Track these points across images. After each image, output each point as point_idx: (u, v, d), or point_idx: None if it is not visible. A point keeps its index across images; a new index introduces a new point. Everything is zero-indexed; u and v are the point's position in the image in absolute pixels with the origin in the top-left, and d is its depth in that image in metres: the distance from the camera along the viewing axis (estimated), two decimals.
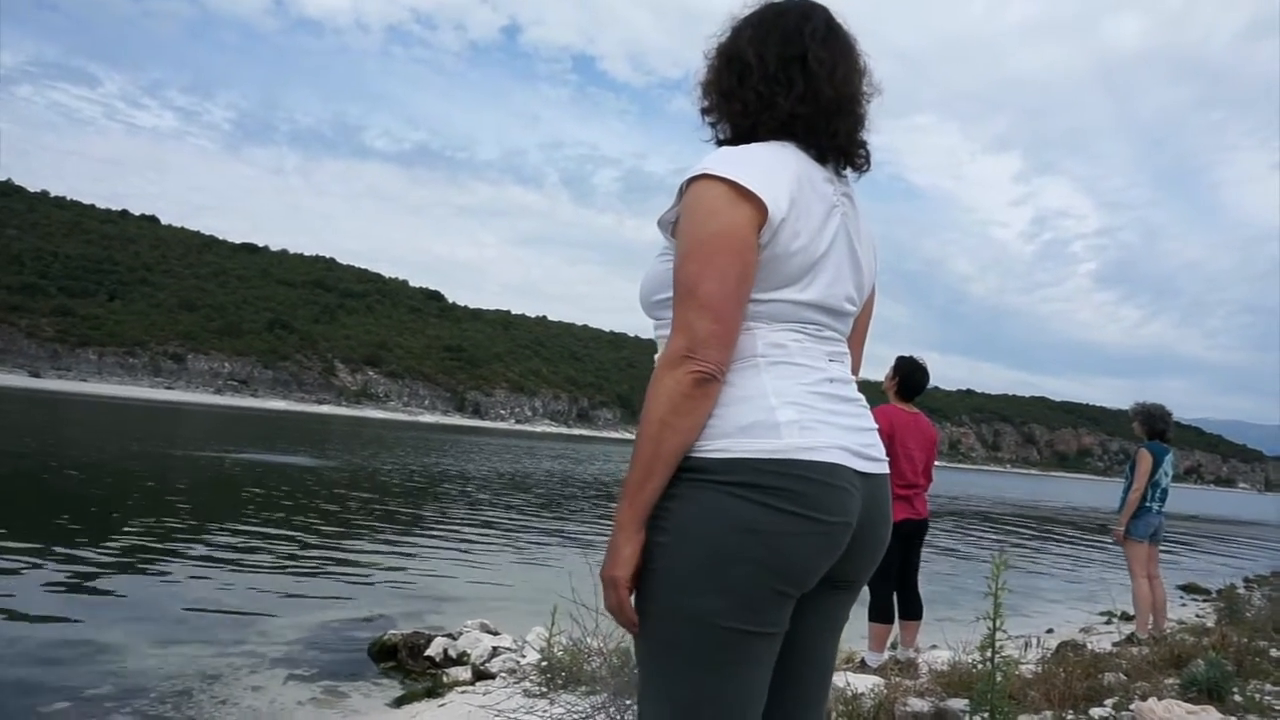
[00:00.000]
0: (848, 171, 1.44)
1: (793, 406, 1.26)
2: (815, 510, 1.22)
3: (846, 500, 1.26)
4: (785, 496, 1.21)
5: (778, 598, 1.24)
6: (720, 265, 1.22)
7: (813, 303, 1.33)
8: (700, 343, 1.21)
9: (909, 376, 5.09)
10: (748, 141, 1.36)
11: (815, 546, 1.23)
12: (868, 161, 1.44)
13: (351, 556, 9.49)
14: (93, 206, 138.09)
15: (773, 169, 1.28)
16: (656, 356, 1.37)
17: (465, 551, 10.57)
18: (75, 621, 5.95)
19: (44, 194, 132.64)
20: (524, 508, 16.58)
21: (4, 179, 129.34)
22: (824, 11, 1.41)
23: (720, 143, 1.44)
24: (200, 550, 8.88)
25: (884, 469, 1.37)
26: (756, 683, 1.27)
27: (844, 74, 1.37)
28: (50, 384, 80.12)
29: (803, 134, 1.36)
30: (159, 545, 8.89)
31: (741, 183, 1.23)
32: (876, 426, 1.40)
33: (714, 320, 1.21)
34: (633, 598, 1.28)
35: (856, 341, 1.50)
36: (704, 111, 1.46)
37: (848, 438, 1.29)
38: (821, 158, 1.37)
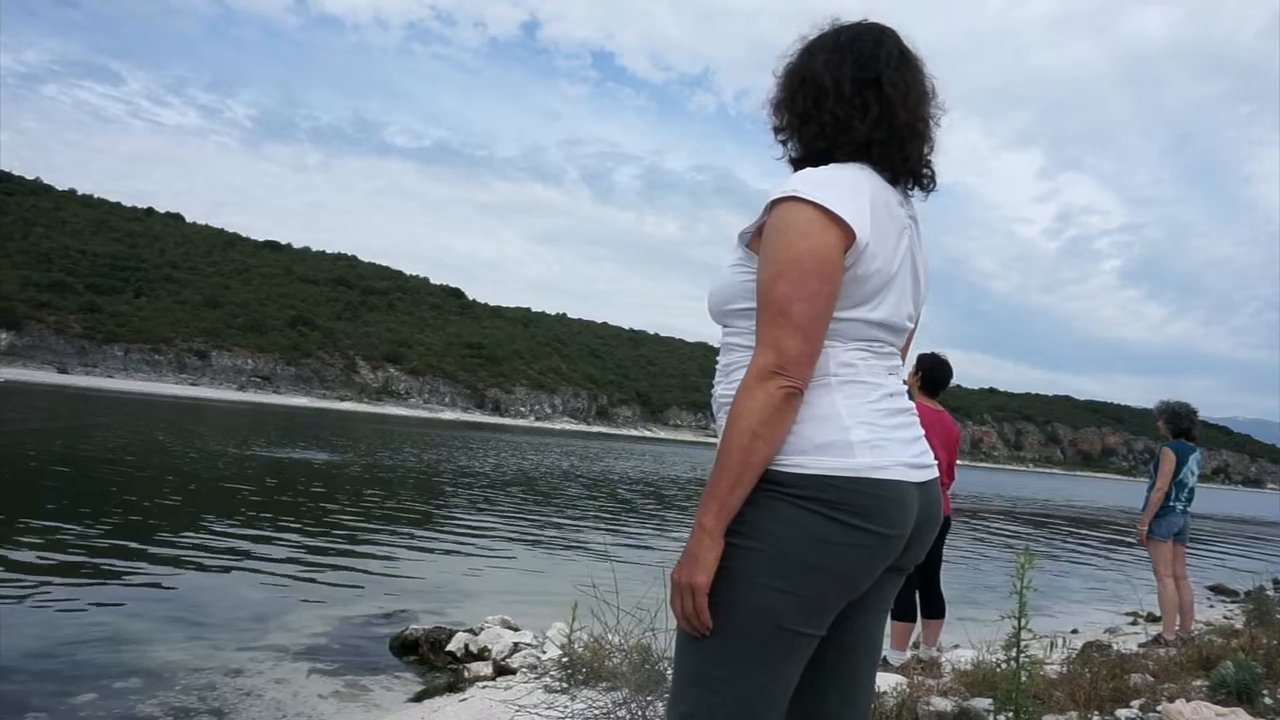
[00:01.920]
0: (914, 191, 1.48)
1: (864, 426, 1.34)
2: (880, 525, 1.31)
3: (907, 514, 1.35)
4: (854, 512, 1.30)
5: (836, 603, 1.34)
6: (811, 288, 1.28)
7: (880, 321, 1.40)
8: (790, 361, 1.28)
9: (932, 371, 5.06)
10: (822, 162, 1.39)
11: (876, 557, 1.34)
12: (933, 181, 1.48)
13: (373, 552, 9.56)
14: (119, 204, 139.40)
15: (857, 193, 1.33)
16: (721, 361, 1.45)
17: (486, 547, 10.62)
18: (101, 614, 6.03)
19: (71, 192, 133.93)
20: (544, 504, 16.62)
21: (32, 177, 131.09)
22: (895, 36, 1.45)
23: (793, 160, 1.49)
24: (222, 545, 8.97)
25: (935, 474, 1.45)
26: (791, 678, 1.36)
27: (916, 98, 1.43)
28: (78, 380, 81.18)
29: (878, 157, 1.40)
30: (182, 540, 8.99)
31: (832, 208, 1.29)
32: (923, 432, 1.47)
33: (804, 340, 1.28)
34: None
35: (903, 350, 1.57)
36: (776, 130, 1.51)
37: (907, 452, 1.38)
38: (894, 179, 1.43)
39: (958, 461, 5.18)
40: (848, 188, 1.32)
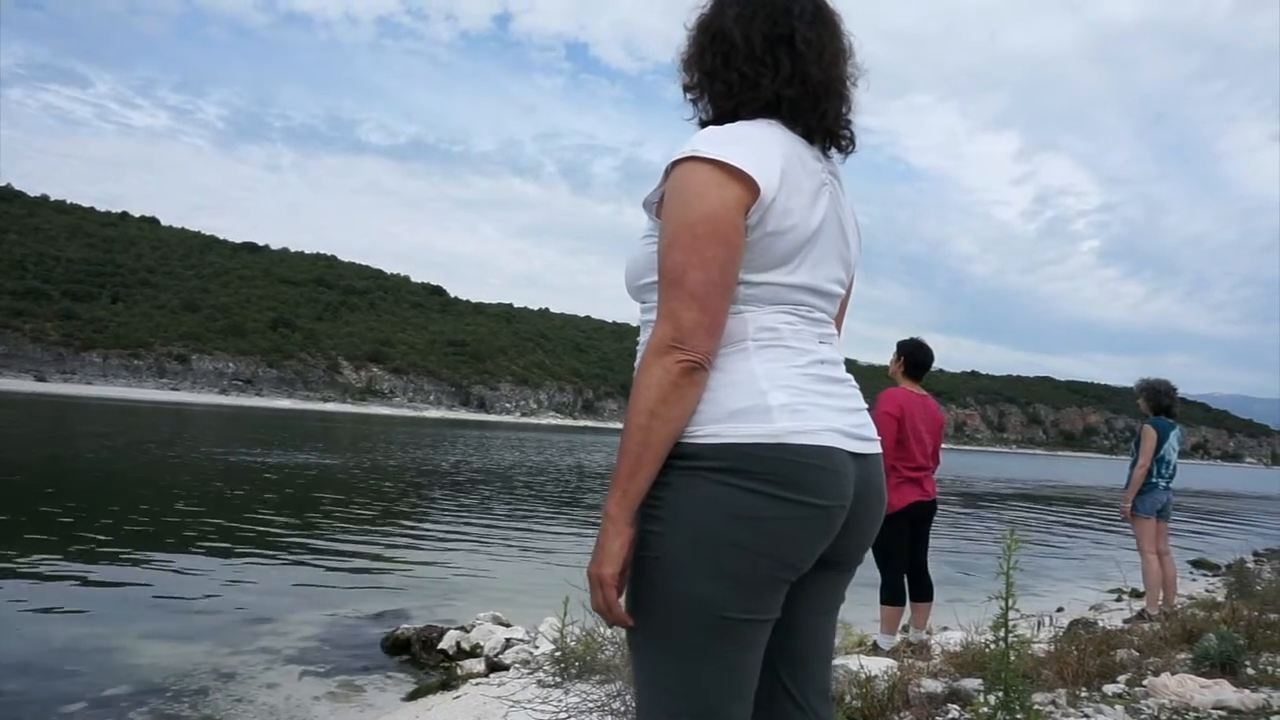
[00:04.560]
0: (833, 152, 1.41)
1: (784, 390, 1.23)
2: (810, 494, 1.20)
3: (841, 483, 1.24)
4: (779, 482, 1.18)
5: (775, 583, 1.23)
6: (705, 253, 1.18)
7: (802, 285, 1.29)
8: (687, 332, 1.18)
9: (913, 355, 5.08)
10: (731, 121, 1.31)
11: (811, 530, 1.22)
12: (852, 143, 1.41)
13: (362, 553, 9.53)
14: (93, 209, 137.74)
15: (763, 146, 1.25)
16: (640, 340, 1.34)
17: (475, 545, 10.61)
18: (91, 622, 5.99)
19: (44, 198, 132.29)
20: (532, 500, 16.62)
21: (3, 184, 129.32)
22: None
23: (703, 123, 1.39)
24: (212, 549, 8.92)
25: (876, 449, 1.34)
26: (751, 666, 1.26)
27: (831, 56, 1.34)
28: (57, 388, 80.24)
29: (789, 114, 1.32)
30: (171, 545, 8.94)
31: (731, 162, 1.19)
32: (868, 406, 1.38)
33: (700, 310, 1.18)
34: (625, 590, 1.25)
35: (837, 320, 1.46)
36: (686, 89, 1.41)
37: (840, 419, 1.27)
38: (808, 136, 1.34)
39: (942, 445, 5.22)
40: (753, 142, 1.23)
